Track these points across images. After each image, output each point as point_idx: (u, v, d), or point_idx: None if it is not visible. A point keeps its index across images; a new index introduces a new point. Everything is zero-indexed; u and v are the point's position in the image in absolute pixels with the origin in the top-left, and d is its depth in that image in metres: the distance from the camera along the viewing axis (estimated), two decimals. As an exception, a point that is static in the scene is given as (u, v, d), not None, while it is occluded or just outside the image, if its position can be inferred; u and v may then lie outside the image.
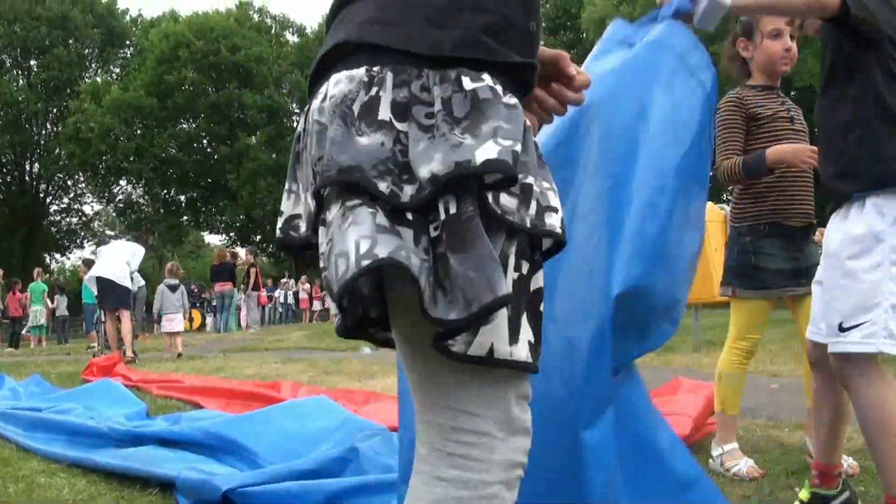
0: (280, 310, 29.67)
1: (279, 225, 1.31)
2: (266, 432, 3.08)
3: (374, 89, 1.16)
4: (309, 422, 3.16)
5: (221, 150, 42.51)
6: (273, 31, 48.55)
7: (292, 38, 49.66)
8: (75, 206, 49.74)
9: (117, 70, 48.00)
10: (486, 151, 1.10)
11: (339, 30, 1.29)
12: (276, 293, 29.48)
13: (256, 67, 42.13)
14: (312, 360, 9.50)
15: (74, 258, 48.28)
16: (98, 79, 45.93)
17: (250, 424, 3.12)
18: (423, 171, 1.10)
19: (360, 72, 1.18)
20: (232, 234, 46.64)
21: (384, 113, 1.15)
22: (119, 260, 11.12)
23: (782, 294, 3.33)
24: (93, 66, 47.88)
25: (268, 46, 44.20)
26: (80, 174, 45.89)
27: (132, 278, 11.51)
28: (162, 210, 44.41)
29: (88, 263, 17.14)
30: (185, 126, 43.86)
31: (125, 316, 10.96)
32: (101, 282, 10.91)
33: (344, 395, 5.19)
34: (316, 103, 1.23)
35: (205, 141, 44.69)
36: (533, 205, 1.19)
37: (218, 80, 42.40)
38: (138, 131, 41.53)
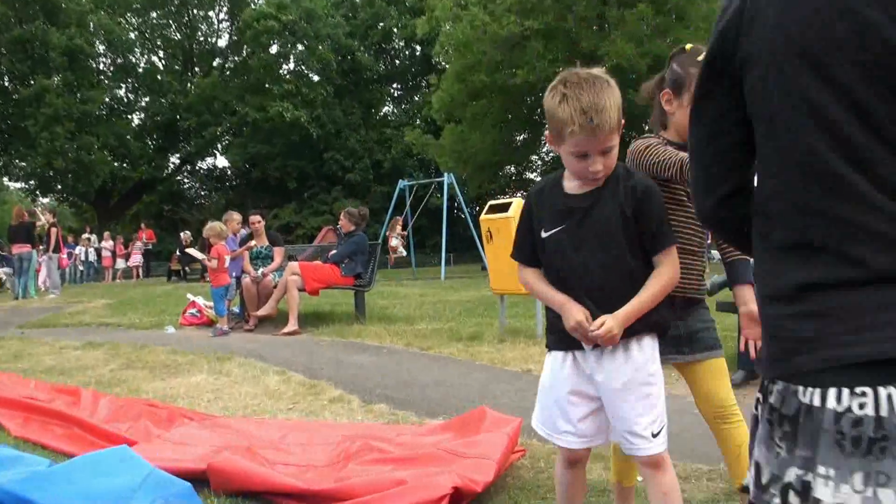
0: (81, 268, 28.56)
1: None
2: (67, 493, 3.03)
3: None
4: (111, 479, 3.13)
5: (22, 91, 40.16)
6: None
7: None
8: None
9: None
10: None
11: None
12: (77, 250, 28.32)
13: (66, 2, 39.88)
14: (114, 344, 9.24)
15: None
16: None
17: (51, 484, 3.05)
18: None
19: None
20: (32, 183, 44.42)
21: None
22: None
23: (664, 362, 3.04)
24: None
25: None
26: None
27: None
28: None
29: None
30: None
31: None
32: None
33: (148, 412, 5.11)
34: None
35: (6, 78, 42.14)
36: None
37: (23, 13, 39.88)
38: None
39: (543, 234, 2.73)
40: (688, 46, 3.06)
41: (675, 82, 3.04)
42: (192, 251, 12.25)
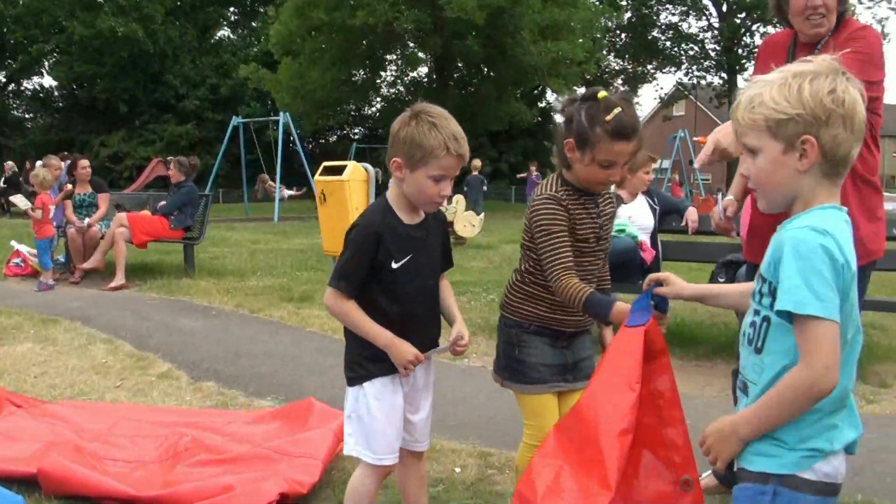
0: None
1: None
2: None
3: None
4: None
5: None
6: None
7: None
8: None
9: None
10: None
11: None
12: None
13: None
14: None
15: None
16: None
17: None
18: None
19: None
20: None
21: None
22: None
23: (548, 390, 3.21)
24: None
25: None
26: None
27: None
28: None
29: None
30: None
31: None
32: None
33: (-25, 396, 5.09)
34: None
35: None
36: None
37: None
38: None
39: (394, 265, 2.92)
40: (600, 95, 2.93)
41: (581, 137, 2.94)
42: (16, 200, 11.81)
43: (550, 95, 47.81)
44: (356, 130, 52.74)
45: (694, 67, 50.03)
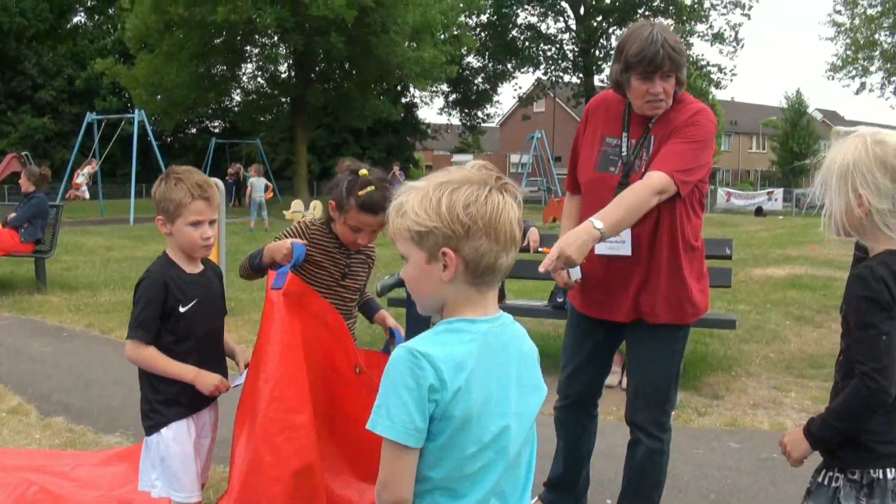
0: None
1: None
2: None
3: None
4: None
5: None
6: None
7: None
8: None
9: None
10: None
11: None
12: None
13: None
14: None
15: None
16: None
17: None
18: None
19: None
20: None
21: None
22: None
23: None
24: None
25: None
26: None
27: None
28: None
29: None
30: None
31: None
32: None
33: None
34: None
35: None
36: None
37: None
38: None
39: (182, 309, 3.22)
40: (361, 172, 3.46)
41: (338, 202, 3.51)
42: None
43: (413, 90, 48.30)
44: (216, 124, 52.01)
45: (552, 67, 51.26)
